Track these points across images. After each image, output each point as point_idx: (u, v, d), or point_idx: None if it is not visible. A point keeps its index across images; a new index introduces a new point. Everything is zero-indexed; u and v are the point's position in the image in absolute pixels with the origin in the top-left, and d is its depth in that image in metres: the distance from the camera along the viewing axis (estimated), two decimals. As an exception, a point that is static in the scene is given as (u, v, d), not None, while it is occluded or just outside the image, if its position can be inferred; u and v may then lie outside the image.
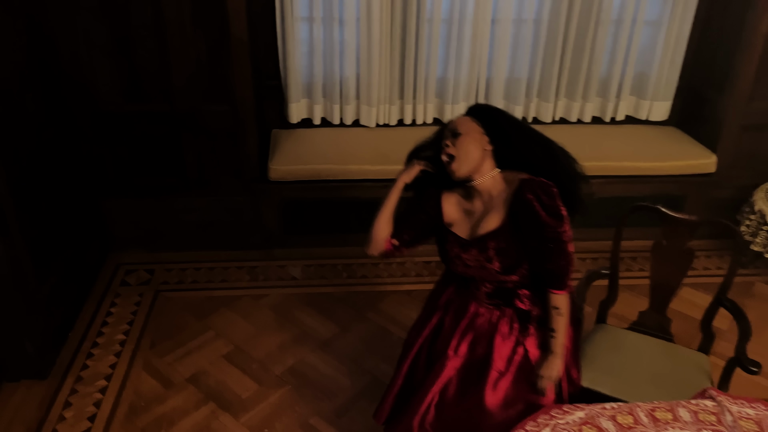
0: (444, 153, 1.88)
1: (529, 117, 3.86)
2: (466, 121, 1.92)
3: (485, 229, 1.87)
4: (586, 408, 1.77)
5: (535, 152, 1.90)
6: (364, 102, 3.70)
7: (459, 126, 1.90)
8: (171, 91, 3.22)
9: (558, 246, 1.82)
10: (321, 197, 3.52)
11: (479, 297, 1.96)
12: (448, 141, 1.88)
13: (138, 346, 2.93)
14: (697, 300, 3.27)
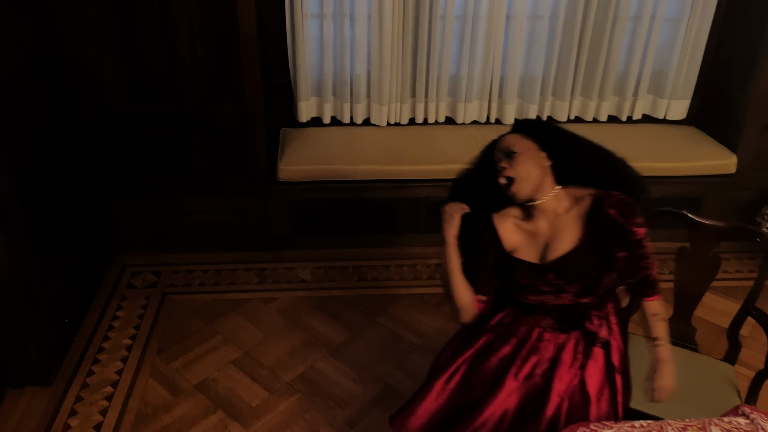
0: (501, 176, 1.77)
1: (543, 116, 3.77)
2: (517, 139, 1.82)
3: (560, 251, 1.77)
4: (615, 426, 1.69)
5: (597, 165, 1.83)
6: (375, 100, 3.62)
7: (512, 144, 1.80)
8: (178, 90, 3.14)
9: (646, 253, 1.77)
10: (331, 198, 3.45)
11: (544, 323, 1.85)
12: (504, 162, 1.78)
13: (145, 351, 2.87)
14: (717, 305, 3.19)
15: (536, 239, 1.81)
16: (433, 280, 3.40)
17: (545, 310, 1.84)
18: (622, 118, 3.81)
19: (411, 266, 3.50)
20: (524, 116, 3.73)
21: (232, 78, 3.15)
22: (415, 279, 3.41)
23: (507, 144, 1.82)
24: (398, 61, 3.53)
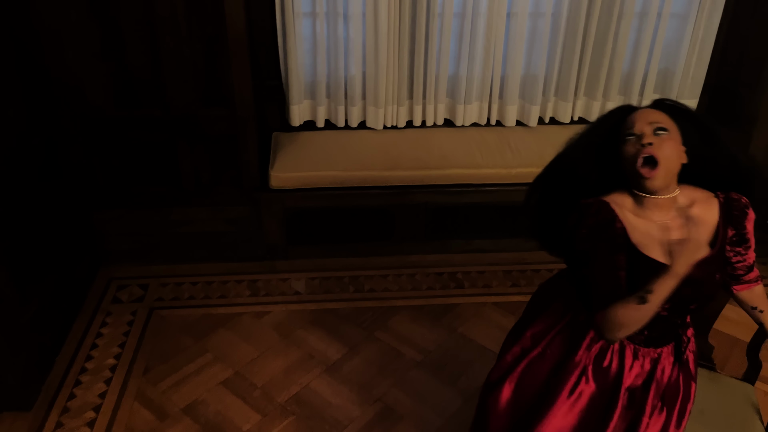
0: (642, 152, 1.48)
1: (546, 117, 3.62)
2: (665, 118, 1.54)
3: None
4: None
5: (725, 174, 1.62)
6: (370, 103, 3.46)
7: (663, 121, 1.52)
8: (165, 95, 2.99)
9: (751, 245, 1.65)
10: (325, 206, 3.30)
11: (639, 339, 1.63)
12: (650, 138, 1.49)
13: (130, 371, 2.72)
14: (730, 314, 3.04)
15: (661, 237, 1.52)
16: (433, 290, 3.26)
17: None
18: (628, 118, 3.66)
19: (410, 276, 3.35)
20: (526, 118, 3.58)
21: (221, 81, 3.00)
22: (414, 289, 3.27)
23: (656, 118, 1.53)
24: (394, 61, 3.38)
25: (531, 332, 1.77)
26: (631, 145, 1.52)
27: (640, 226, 1.55)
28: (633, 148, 1.51)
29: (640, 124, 1.53)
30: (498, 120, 3.62)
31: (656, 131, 1.51)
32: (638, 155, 1.50)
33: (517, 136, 3.48)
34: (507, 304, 3.16)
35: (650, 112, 1.56)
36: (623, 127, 1.56)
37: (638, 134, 1.52)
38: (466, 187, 3.30)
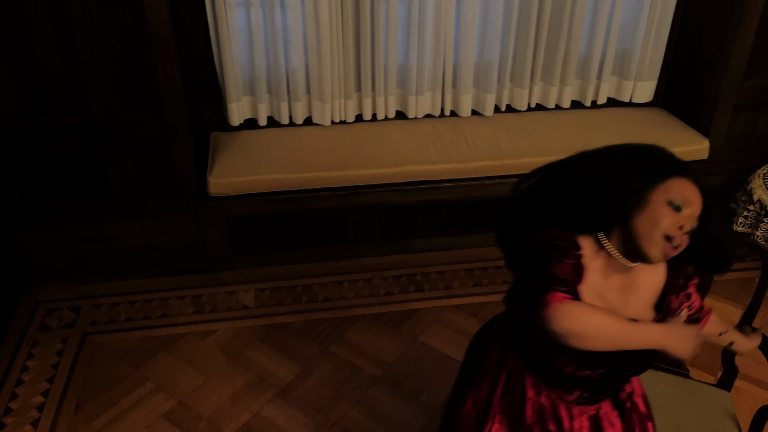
0: (674, 234, 1.31)
1: (502, 105, 3.44)
2: (701, 201, 1.37)
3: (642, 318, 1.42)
4: None
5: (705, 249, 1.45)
6: (315, 97, 3.22)
7: (697, 210, 1.36)
8: (83, 100, 2.69)
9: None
10: (272, 211, 3.06)
11: (567, 397, 1.50)
12: (687, 223, 1.32)
13: (60, 409, 2.46)
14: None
15: (607, 295, 1.40)
16: (392, 295, 3.07)
17: (575, 382, 1.46)
18: (586, 103, 3.52)
19: (366, 280, 3.16)
20: (481, 107, 3.39)
21: (146, 83, 2.72)
22: (371, 295, 3.07)
23: (699, 203, 1.36)
24: (339, 51, 3.14)
25: (473, 398, 1.60)
26: (670, 214, 1.32)
27: (600, 277, 1.40)
28: (670, 219, 1.31)
29: (691, 209, 1.33)
30: (452, 110, 3.43)
31: (693, 224, 1.34)
32: (668, 231, 1.31)
33: (472, 126, 3.29)
34: (469, 305, 3.00)
35: (699, 195, 1.36)
36: (672, 184, 1.34)
37: (681, 213, 1.32)
38: (421, 184, 3.11)
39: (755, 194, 3.13)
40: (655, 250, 1.32)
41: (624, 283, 1.43)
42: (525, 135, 3.24)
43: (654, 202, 1.33)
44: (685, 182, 1.36)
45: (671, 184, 1.34)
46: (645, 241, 1.33)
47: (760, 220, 3.09)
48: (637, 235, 1.34)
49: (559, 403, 1.50)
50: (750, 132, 3.38)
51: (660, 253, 1.33)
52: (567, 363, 1.40)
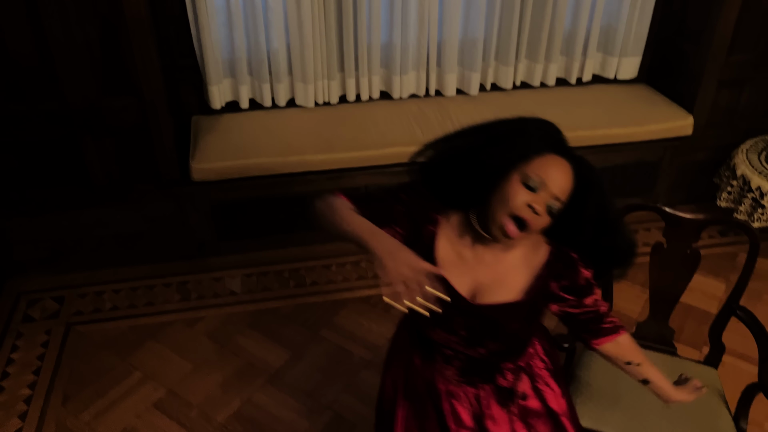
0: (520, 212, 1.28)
1: (487, 84, 3.41)
2: (569, 191, 1.32)
3: (497, 298, 1.38)
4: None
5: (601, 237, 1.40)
6: (298, 78, 3.17)
7: (564, 197, 1.31)
8: (58, 86, 2.61)
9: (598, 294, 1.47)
10: (256, 196, 3.02)
11: (446, 373, 1.50)
12: (542, 207, 1.28)
13: (48, 401, 2.43)
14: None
15: (471, 269, 1.39)
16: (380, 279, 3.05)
17: (446, 357, 1.47)
18: (571, 80, 3.49)
19: (354, 263, 3.14)
20: (466, 86, 3.36)
21: (123, 67, 2.64)
22: (360, 278, 3.06)
23: (563, 192, 1.31)
24: (321, 31, 3.07)
25: (390, 378, 1.63)
26: (523, 192, 1.28)
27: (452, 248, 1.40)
28: (522, 198, 1.28)
29: (551, 185, 1.29)
30: (437, 89, 3.39)
31: (551, 209, 1.30)
32: (517, 211, 1.28)
33: (457, 106, 3.26)
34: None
35: (566, 178, 1.31)
36: (534, 161, 1.30)
37: (537, 192, 1.28)
38: (407, 165, 3.07)
39: (738, 169, 3.15)
40: (496, 228, 1.31)
41: (494, 258, 1.39)
42: (511, 113, 3.20)
43: (511, 180, 1.30)
44: (553, 162, 1.30)
45: (536, 162, 1.29)
46: (491, 218, 1.31)
47: (743, 195, 3.11)
48: (488, 212, 1.32)
49: (438, 377, 1.50)
50: (734, 107, 3.39)
51: (500, 232, 1.30)
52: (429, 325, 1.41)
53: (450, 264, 1.39)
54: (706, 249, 2.95)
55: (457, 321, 1.39)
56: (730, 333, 2.08)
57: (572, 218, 1.35)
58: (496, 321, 1.38)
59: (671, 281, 2.07)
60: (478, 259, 1.39)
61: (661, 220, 2.02)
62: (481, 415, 1.50)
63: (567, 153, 1.34)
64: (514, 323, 1.40)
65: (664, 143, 3.32)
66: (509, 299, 1.38)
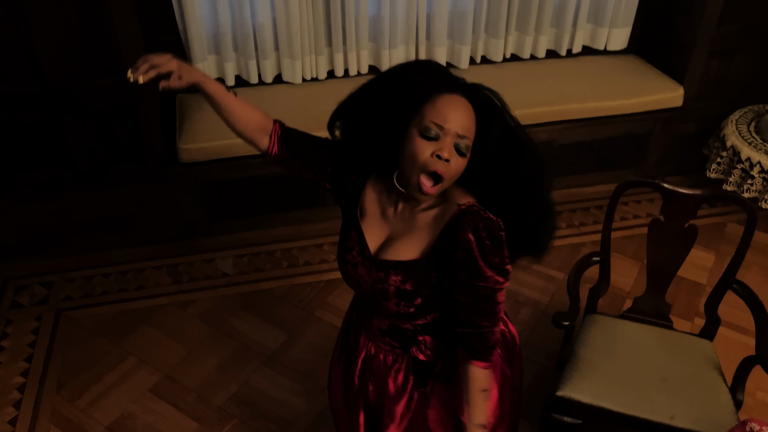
0: (430, 166, 1.24)
1: (477, 57, 3.36)
2: (473, 126, 1.27)
3: (396, 255, 1.34)
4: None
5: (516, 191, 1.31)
6: (285, 54, 3.09)
7: (469, 133, 1.26)
8: (38, 67, 2.52)
9: (491, 306, 1.30)
10: (245, 176, 2.97)
11: (371, 330, 1.50)
12: (449, 152, 1.24)
13: (42, 389, 2.40)
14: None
15: (386, 222, 1.38)
16: (373, 256, 3.04)
17: (368, 312, 1.48)
18: (561, 52, 3.46)
19: (346, 242, 3.11)
20: (456, 60, 3.31)
21: (106, 46, 2.56)
22: (352, 257, 3.04)
23: (466, 130, 1.25)
24: (308, 4, 2.99)
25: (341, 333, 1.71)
26: (425, 145, 1.25)
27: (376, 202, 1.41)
28: (427, 151, 1.25)
29: (449, 126, 1.24)
30: (426, 63, 3.33)
31: (459, 148, 1.25)
32: (427, 166, 1.25)
33: (448, 80, 3.21)
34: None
35: (465, 113, 1.26)
36: (425, 110, 1.25)
37: (439, 140, 1.24)
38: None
39: (728, 140, 3.16)
40: (413, 189, 1.28)
41: (412, 216, 1.35)
42: (501, 88, 3.10)
43: (411, 137, 1.26)
44: (444, 102, 1.25)
45: (428, 110, 1.25)
46: (406, 181, 1.29)
47: (733, 166, 3.13)
48: (403, 174, 1.30)
49: (362, 330, 1.53)
50: (723, 78, 3.39)
51: (418, 191, 1.27)
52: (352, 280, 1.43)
53: (370, 216, 1.40)
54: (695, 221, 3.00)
55: (360, 273, 1.39)
56: (724, 305, 2.10)
57: (482, 153, 1.29)
58: (389, 276, 1.33)
59: (668, 256, 2.08)
60: (400, 216, 1.37)
61: (650, 192, 2.01)
62: (384, 383, 1.50)
63: (456, 87, 1.29)
64: (407, 284, 1.33)
65: (654, 115, 3.31)
66: (407, 258, 1.32)
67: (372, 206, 1.41)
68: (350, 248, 1.41)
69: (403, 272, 1.32)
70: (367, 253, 1.38)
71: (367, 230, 1.40)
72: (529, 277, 2.90)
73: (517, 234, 1.31)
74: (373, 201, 1.41)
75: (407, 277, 1.32)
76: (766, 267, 3.00)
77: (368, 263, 1.37)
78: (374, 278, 1.36)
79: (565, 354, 2.04)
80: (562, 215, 3.30)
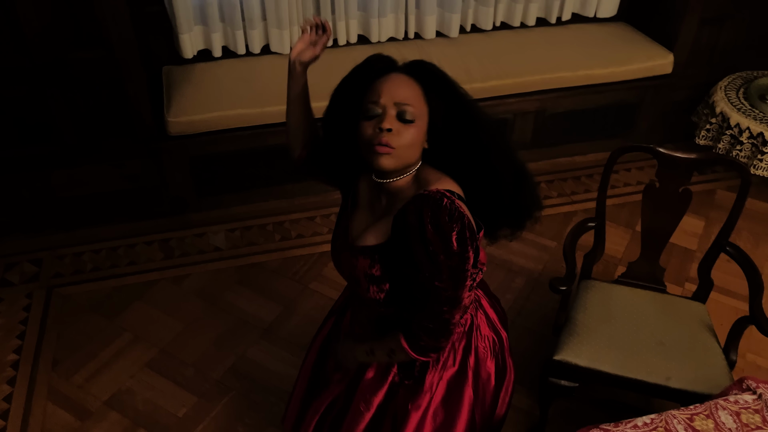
0: (375, 139, 1.25)
1: (467, 25, 3.33)
2: (416, 95, 1.27)
3: (365, 241, 1.35)
4: (616, 431, 1.46)
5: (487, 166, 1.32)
6: (272, 24, 3.04)
7: (409, 100, 1.26)
8: (24, 40, 2.45)
9: (433, 306, 1.26)
10: (235, 149, 2.93)
11: (359, 318, 1.52)
12: (390, 122, 1.24)
13: (36, 366, 2.38)
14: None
15: (373, 214, 1.39)
16: (366, 228, 3.03)
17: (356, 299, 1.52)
18: (551, 20, 3.43)
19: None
20: (446, 29, 3.28)
21: (90, 17, 2.49)
22: (345, 229, 3.03)
23: (404, 97, 1.26)
24: (295, -27, 2.94)
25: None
26: (369, 124, 1.27)
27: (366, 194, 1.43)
28: (370, 128, 1.26)
29: (385, 99, 1.26)
30: (416, 32, 3.30)
31: (401, 115, 1.25)
32: (372, 141, 1.26)
33: (438, 50, 3.18)
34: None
35: (400, 83, 1.27)
36: (367, 96, 1.29)
37: (380, 115, 1.26)
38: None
39: (718, 107, 3.17)
40: (376, 170, 1.32)
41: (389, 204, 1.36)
42: (493, 57, 3.16)
43: (360, 126, 1.29)
44: (380, 81, 1.28)
45: (366, 97, 1.29)
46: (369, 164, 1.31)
47: (722, 132, 3.15)
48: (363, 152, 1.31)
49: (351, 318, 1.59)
50: (713, 45, 3.38)
51: (380, 169, 1.29)
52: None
53: (360, 207, 1.43)
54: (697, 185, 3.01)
55: (342, 260, 1.42)
56: (716, 270, 2.13)
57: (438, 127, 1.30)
58: (357, 261, 1.34)
59: (663, 221, 2.10)
60: (384, 207, 1.37)
61: (642, 160, 2.02)
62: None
63: (393, 68, 1.32)
64: (374, 268, 1.32)
65: (644, 82, 3.31)
66: (373, 243, 1.33)
67: (363, 198, 1.44)
68: (338, 236, 1.45)
69: (370, 257, 1.33)
70: (348, 240, 1.40)
71: (354, 220, 1.42)
72: (522, 246, 2.92)
73: (501, 204, 1.34)
74: (365, 193, 1.44)
75: (374, 262, 1.32)
76: (756, 232, 3.04)
77: (346, 250, 1.40)
78: (350, 264, 1.39)
79: (561, 319, 2.06)
80: (553, 184, 3.32)
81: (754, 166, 3.01)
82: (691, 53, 3.35)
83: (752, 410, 1.50)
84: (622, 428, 1.45)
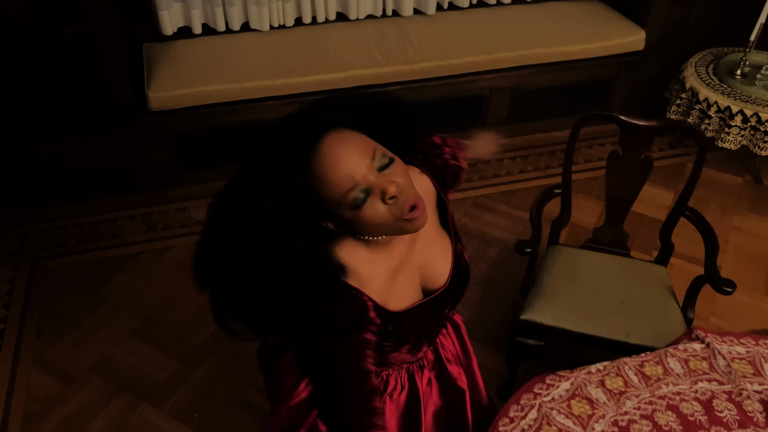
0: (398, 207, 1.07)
1: (444, 3, 3.39)
2: (365, 138, 1.10)
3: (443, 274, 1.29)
4: (571, 376, 1.54)
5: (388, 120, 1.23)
6: (252, 1, 3.08)
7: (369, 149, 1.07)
8: (2, 17, 2.49)
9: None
10: (216, 124, 2.98)
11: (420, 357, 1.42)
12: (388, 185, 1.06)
13: (21, 336, 2.44)
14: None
15: (402, 272, 1.22)
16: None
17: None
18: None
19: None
20: (424, 6, 3.33)
21: (68, -9, 2.53)
22: (324, 203, 3.10)
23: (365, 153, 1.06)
24: (273, -50, 2.98)
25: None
26: (371, 207, 1.06)
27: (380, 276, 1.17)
28: (377, 208, 1.06)
29: (359, 175, 1.04)
30: (394, 10, 3.35)
31: (383, 166, 1.06)
32: (397, 216, 1.07)
33: (416, 27, 3.24)
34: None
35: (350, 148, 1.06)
36: (326, 189, 1.05)
37: (367, 191, 1.06)
38: (368, 88, 3.07)
39: (687, 82, 3.25)
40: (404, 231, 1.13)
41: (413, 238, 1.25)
42: (469, 34, 3.22)
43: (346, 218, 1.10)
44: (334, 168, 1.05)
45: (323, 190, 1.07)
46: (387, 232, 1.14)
47: (692, 107, 3.23)
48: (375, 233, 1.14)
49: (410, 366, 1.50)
50: (685, 23, 3.46)
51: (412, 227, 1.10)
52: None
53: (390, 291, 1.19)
54: (656, 161, 3.10)
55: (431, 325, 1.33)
56: (679, 238, 2.21)
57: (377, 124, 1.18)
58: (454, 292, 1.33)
59: (626, 188, 2.18)
60: (400, 257, 1.22)
61: (613, 135, 2.09)
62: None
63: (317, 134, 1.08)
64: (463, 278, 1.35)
65: (617, 59, 3.38)
66: (450, 266, 1.29)
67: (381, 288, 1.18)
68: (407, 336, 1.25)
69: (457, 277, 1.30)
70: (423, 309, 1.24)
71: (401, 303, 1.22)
72: (497, 218, 3.00)
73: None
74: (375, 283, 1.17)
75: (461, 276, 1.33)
76: (723, 204, 3.13)
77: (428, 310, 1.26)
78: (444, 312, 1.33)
79: (528, 281, 2.14)
80: (529, 159, 3.39)
81: (721, 139, 3.10)
82: (663, 30, 3.42)
83: (700, 357, 1.59)
84: (576, 374, 1.54)
